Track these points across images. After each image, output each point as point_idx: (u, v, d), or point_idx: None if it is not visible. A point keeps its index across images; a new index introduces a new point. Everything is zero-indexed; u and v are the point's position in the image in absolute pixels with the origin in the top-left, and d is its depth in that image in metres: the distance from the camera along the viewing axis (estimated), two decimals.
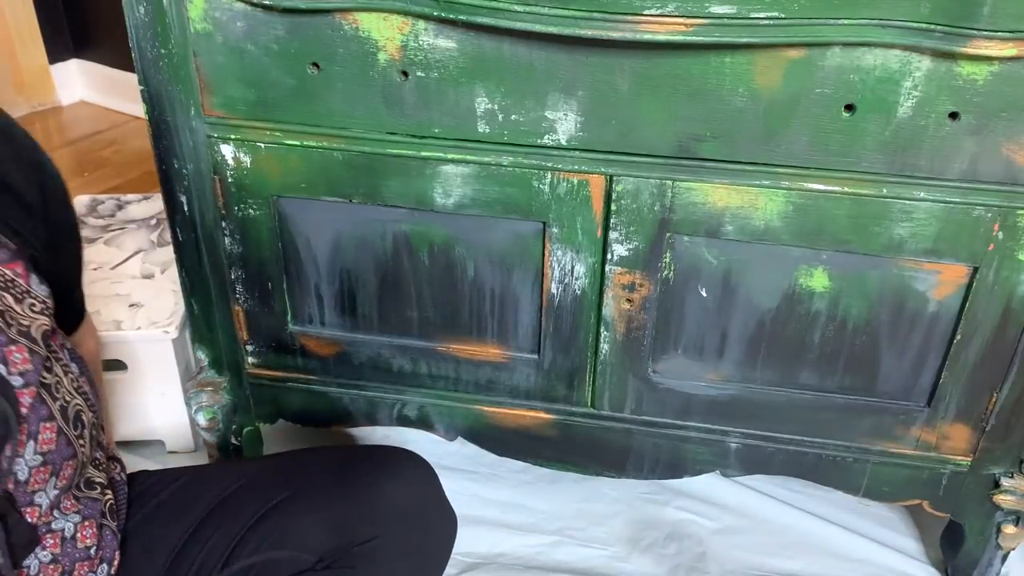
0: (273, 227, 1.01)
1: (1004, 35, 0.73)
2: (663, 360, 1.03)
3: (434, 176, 0.93)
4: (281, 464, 0.90)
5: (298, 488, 0.83)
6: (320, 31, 0.86)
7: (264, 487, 0.84)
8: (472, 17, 0.79)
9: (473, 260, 1.00)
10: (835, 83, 0.81)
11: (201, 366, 1.13)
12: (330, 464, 0.88)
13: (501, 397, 1.09)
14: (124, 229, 1.43)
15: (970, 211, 0.86)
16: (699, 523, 1.19)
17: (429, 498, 0.86)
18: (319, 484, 0.84)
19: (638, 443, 1.09)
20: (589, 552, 1.15)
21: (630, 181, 0.90)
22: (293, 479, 0.85)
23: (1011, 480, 1.02)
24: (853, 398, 1.01)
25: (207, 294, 1.06)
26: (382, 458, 0.87)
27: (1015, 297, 0.90)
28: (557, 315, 1.01)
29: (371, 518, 0.80)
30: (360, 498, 0.82)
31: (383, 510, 0.81)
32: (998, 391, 0.96)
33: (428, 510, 0.85)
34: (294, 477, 0.85)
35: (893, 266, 0.91)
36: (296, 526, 0.80)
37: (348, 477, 0.84)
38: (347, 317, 1.08)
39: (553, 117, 0.87)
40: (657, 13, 0.75)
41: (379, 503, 0.82)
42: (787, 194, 0.88)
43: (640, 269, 0.96)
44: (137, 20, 0.88)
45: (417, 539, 0.82)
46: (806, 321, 0.97)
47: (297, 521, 0.80)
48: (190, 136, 0.95)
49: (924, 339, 0.95)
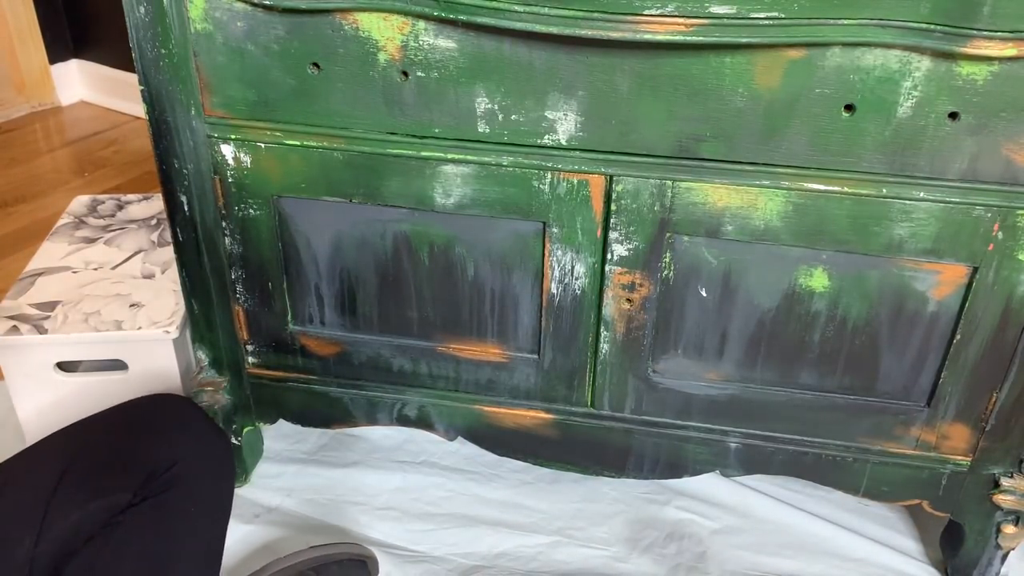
0: (273, 227, 1.01)
1: (1004, 35, 0.73)
2: (663, 360, 1.03)
3: (434, 176, 0.93)
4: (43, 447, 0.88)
5: (80, 447, 0.85)
6: (320, 31, 0.86)
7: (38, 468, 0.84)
8: (472, 17, 0.79)
9: (473, 260, 1.00)
10: (835, 83, 0.81)
11: (201, 366, 1.13)
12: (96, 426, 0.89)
13: (501, 397, 1.10)
14: (124, 229, 1.43)
15: (970, 211, 0.86)
16: (699, 523, 1.19)
17: (195, 415, 0.92)
18: (96, 442, 0.86)
19: (638, 443, 1.09)
20: (589, 552, 1.15)
21: (630, 181, 0.90)
22: (68, 448, 0.85)
23: (1011, 480, 1.02)
24: (853, 398, 1.01)
25: (207, 294, 1.06)
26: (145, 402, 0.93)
27: (1015, 297, 0.90)
28: (557, 315, 1.01)
29: (161, 447, 0.85)
30: (142, 435, 0.86)
31: (168, 437, 0.86)
32: (998, 391, 0.96)
33: (202, 424, 0.91)
34: (67, 446, 0.86)
35: (893, 266, 0.91)
36: (96, 478, 0.81)
37: (120, 423, 0.88)
38: (347, 317, 1.08)
39: (553, 117, 0.87)
40: (657, 13, 0.75)
41: (162, 433, 0.87)
42: (787, 194, 0.88)
43: (640, 269, 0.96)
44: (137, 20, 0.88)
45: (209, 451, 0.88)
46: (806, 321, 0.97)
47: (94, 475, 0.81)
48: (190, 136, 0.95)
49: (924, 339, 0.95)
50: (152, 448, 0.85)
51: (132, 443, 0.86)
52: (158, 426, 0.89)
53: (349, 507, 1.19)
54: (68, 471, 0.81)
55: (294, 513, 1.18)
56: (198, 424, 0.91)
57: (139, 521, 0.80)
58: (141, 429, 0.88)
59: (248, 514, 1.17)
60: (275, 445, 1.29)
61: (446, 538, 1.15)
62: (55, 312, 1.22)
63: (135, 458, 0.84)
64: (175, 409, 0.92)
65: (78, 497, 0.80)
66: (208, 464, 0.88)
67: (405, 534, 1.16)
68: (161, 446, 0.86)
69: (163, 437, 0.87)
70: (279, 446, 1.29)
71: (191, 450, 0.87)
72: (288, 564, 1.02)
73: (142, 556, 0.81)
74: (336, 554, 1.04)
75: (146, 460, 0.84)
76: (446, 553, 1.13)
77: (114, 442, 0.86)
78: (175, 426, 0.89)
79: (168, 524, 0.83)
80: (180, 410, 0.92)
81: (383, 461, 1.27)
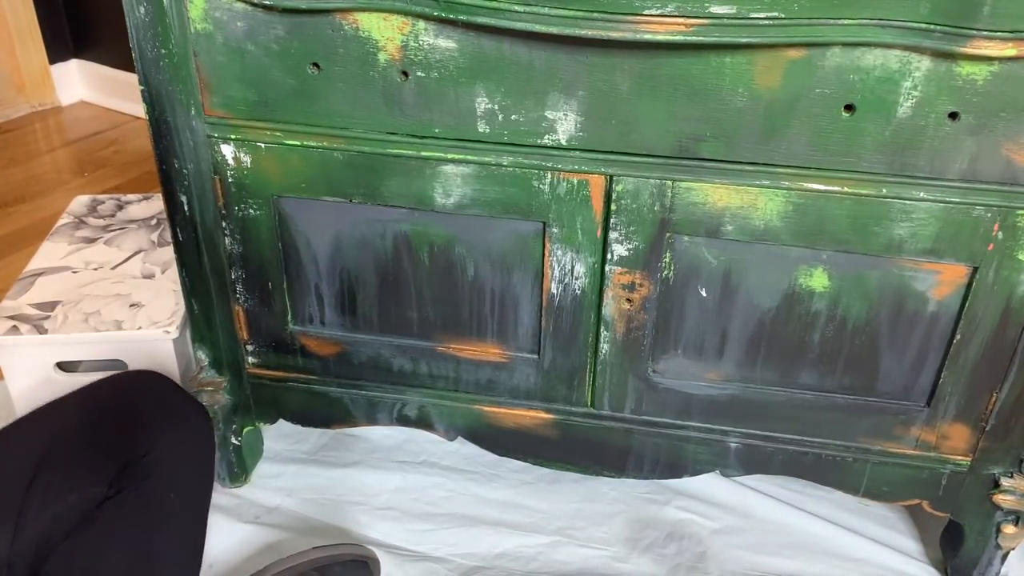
0: (273, 227, 1.01)
1: (1004, 35, 0.73)
2: (663, 360, 1.03)
3: (434, 176, 0.93)
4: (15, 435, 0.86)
5: (54, 436, 0.82)
6: (320, 31, 0.86)
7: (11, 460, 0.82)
8: (472, 17, 0.79)
9: (473, 260, 1.00)
10: (835, 83, 0.81)
11: (201, 366, 1.13)
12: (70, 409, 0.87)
13: (501, 397, 1.10)
14: (124, 229, 1.43)
15: (970, 211, 0.86)
16: (699, 523, 1.19)
17: (174, 393, 0.90)
18: (70, 428, 0.84)
19: (638, 443, 1.09)
20: (589, 552, 1.15)
21: (630, 181, 0.90)
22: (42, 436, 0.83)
23: (1011, 480, 1.02)
24: (853, 398, 1.01)
25: (207, 294, 1.06)
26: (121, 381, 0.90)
27: (1015, 297, 0.90)
28: (557, 315, 1.01)
29: (138, 430, 0.83)
30: (118, 418, 0.84)
31: (145, 418, 0.85)
32: (998, 391, 0.96)
33: (179, 401, 0.90)
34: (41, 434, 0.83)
35: (893, 266, 0.91)
36: (71, 470, 0.79)
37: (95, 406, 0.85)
38: (347, 317, 1.08)
39: (553, 117, 0.87)
40: (657, 13, 0.75)
41: (139, 414, 0.85)
42: (787, 194, 0.88)
43: (640, 269, 0.96)
44: (137, 20, 0.88)
45: (187, 430, 0.87)
46: (806, 321, 0.97)
47: (69, 466, 0.80)
48: (190, 136, 0.95)
49: (924, 339, 0.95)
50: (128, 432, 0.83)
51: (108, 428, 0.83)
52: (135, 406, 0.86)
53: (349, 507, 1.19)
54: (43, 463, 0.79)
55: (294, 513, 1.18)
56: (174, 401, 0.89)
57: (117, 514, 0.79)
58: (115, 412, 0.86)
59: (248, 514, 1.17)
60: (275, 445, 1.29)
61: (446, 538, 1.15)
62: (55, 312, 1.22)
63: (111, 445, 0.81)
64: (149, 387, 0.90)
65: (53, 492, 0.78)
66: (186, 445, 0.86)
67: (405, 534, 1.16)
68: (137, 429, 0.83)
69: (139, 419, 0.85)
70: (279, 446, 1.29)
71: (169, 431, 0.85)
72: (291, 565, 1.02)
73: (120, 552, 0.79)
74: (339, 555, 1.04)
75: (122, 446, 0.81)
76: (446, 553, 1.13)
77: (89, 427, 0.84)
78: (150, 407, 0.87)
79: (147, 515, 0.81)
80: (154, 387, 0.90)
81: (383, 461, 1.27)
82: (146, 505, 0.81)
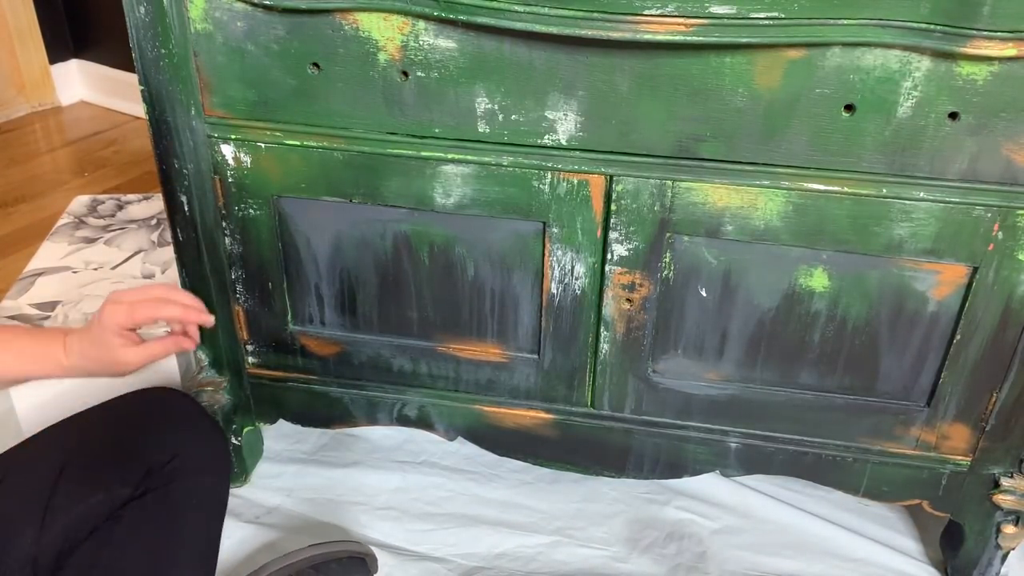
0: (273, 227, 1.01)
1: (1004, 35, 0.73)
2: (663, 360, 1.03)
3: (434, 176, 0.93)
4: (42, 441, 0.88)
5: (81, 440, 0.86)
6: (320, 31, 0.86)
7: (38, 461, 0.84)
8: (472, 17, 0.79)
9: (473, 260, 1.00)
10: (835, 83, 0.81)
11: (201, 366, 1.13)
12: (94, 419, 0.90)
13: (501, 397, 1.10)
14: (124, 229, 1.43)
15: (970, 211, 0.86)
16: (699, 523, 1.19)
17: (191, 409, 0.93)
18: (94, 436, 0.87)
19: (638, 443, 1.09)
20: (589, 552, 1.15)
21: (630, 181, 0.90)
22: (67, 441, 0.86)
23: (1011, 480, 1.02)
24: (853, 398, 1.01)
25: (207, 294, 1.06)
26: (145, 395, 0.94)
27: (1015, 297, 0.90)
28: (557, 315, 1.01)
29: (160, 441, 0.86)
30: (140, 428, 0.88)
31: (166, 431, 0.88)
32: (998, 391, 0.96)
33: (198, 417, 0.92)
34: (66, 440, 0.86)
35: (893, 266, 0.91)
36: (97, 472, 0.82)
37: (117, 417, 0.89)
38: (347, 317, 1.08)
39: (553, 117, 0.87)
40: (657, 13, 0.75)
41: (160, 426, 0.88)
42: (787, 194, 0.88)
43: (640, 269, 0.96)
44: (137, 20, 0.88)
45: (206, 444, 0.90)
46: (806, 321, 0.97)
47: (95, 468, 0.82)
48: (190, 136, 0.95)
49: (924, 339, 0.95)
50: (151, 442, 0.86)
51: (131, 436, 0.87)
52: (156, 419, 0.90)
53: (349, 507, 1.19)
54: (68, 464, 0.82)
55: (294, 513, 1.18)
56: (195, 418, 0.92)
57: (141, 515, 0.82)
58: (139, 422, 0.89)
59: (248, 514, 1.17)
60: (275, 445, 1.29)
61: (446, 538, 1.15)
62: (55, 312, 1.22)
63: (134, 452, 0.85)
64: (172, 403, 0.93)
65: (79, 491, 0.81)
66: (206, 458, 0.89)
67: (405, 534, 1.16)
68: (160, 440, 0.87)
69: (161, 430, 0.88)
70: (279, 446, 1.29)
71: (189, 444, 0.88)
72: (288, 562, 1.02)
73: (144, 549, 0.82)
74: (336, 552, 1.04)
75: (145, 454, 0.85)
76: (446, 553, 1.13)
77: (113, 435, 0.87)
78: (173, 419, 0.90)
79: (169, 517, 0.84)
80: (177, 404, 0.93)
81: (383, 461, 1.27)
82: (169, 508, 0.84)
